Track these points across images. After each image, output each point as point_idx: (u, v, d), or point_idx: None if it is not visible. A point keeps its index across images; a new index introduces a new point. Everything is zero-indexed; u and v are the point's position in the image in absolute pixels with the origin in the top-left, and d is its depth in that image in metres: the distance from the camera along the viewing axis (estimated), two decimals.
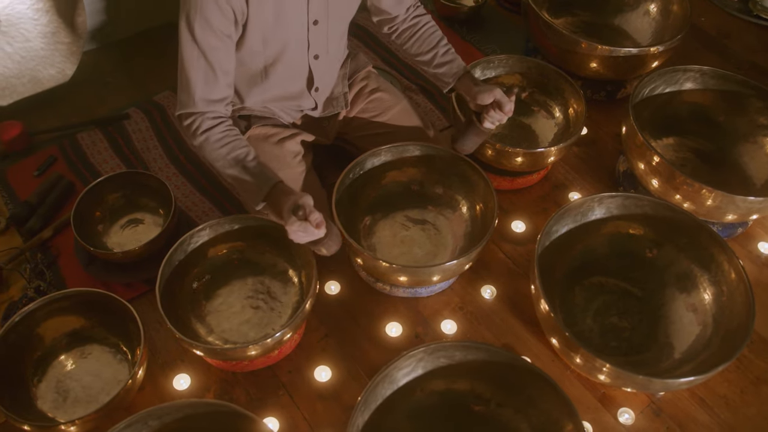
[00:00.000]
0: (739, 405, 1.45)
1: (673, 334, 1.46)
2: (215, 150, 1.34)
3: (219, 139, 1.33)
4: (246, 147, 1.35)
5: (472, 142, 1.59)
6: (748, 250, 1.72)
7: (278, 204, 1.28)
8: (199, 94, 1.32)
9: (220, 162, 1.34)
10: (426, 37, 1.59)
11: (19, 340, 1.34)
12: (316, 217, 1.24)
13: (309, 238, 1.26)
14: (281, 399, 1.42)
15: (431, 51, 1.59)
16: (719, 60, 2.22)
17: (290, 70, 1.46)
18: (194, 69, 1.30)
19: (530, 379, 1.26)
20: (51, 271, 1.58)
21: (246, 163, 1.33)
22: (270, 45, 1.37)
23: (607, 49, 1.85)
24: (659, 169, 1.58)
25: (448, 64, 1.58)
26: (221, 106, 1.36)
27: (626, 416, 1.42)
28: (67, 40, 1.89)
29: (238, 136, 1.36)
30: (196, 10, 1.24)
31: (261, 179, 1.31)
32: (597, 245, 1.56)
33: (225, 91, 1.36)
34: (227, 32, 1.29)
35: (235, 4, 1.25)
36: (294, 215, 1.23)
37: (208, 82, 1.32)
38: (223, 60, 1.32)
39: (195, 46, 1.28)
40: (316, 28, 1.39)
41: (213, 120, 1.34)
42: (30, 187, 1.73)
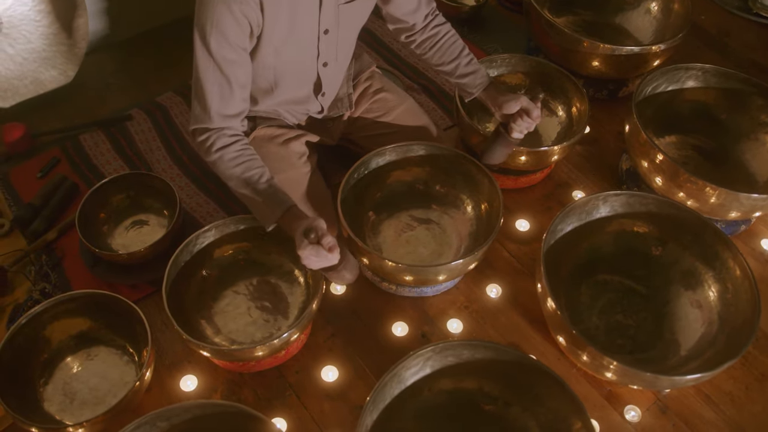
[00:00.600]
0: (744, 402, 1.46)
1: (679, 331, 1.47)
2: (229, 168, 1.31)
3: (234, 157, 1.31)
4: (261, 168, 1.32)
5: (501, 153, 1.59)
6: (751, 247, 1.72)
7: (290, 228, 1.26)
8: (215, 109, 1.30)
9: (233, 181, 1.32)
10: (447, 47, 1.57)
11: (26, 343, 1.34)
12: (328, 241, 1.21)
13: (322, 263, 1.23)
14: (288, 399, 1.42)
15: (453, 62, 1.57)
16: (719, 58, 2.23)
17: (299, 78, 1.46)
18: (210, 83, 1.28)
19: (538, 377, 1.26)
20: (56, 273, 1.57)
21: (259, 184, 1.31)
22: (281, 56, 1.36)
23: (610, 48, 1.86)
24: (663, 167, 1.58)
25: (471, 75, 1.57)
26: (237, 121, 1.34)
27: (633, 414, 1.42)
28: (68, 42, 1.89)
29: (254, 156, 1.34)
30: (212, 24, 1.22)
31: (274, 202, 1.29)
32: (602, 243, 1.57)
33: (241, 106, 1.34)
34: (243, 45, 1.27)
35: (251, 17, 1.23)
36: (306, 238, 1.21)
37: (224, 96, 1.29)
38: (240, 74, 1.30)
39: (211, 60, 1.26)
40: (326, 37, 1.39)
41: (229, 138, 1.32)
42: (33, 189, 1.73)
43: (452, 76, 1.59)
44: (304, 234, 1.22)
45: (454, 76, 1.59)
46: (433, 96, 2.05)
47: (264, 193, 1.30)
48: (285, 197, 1.31)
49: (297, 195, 1.53)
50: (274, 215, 1.29)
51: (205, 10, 1.22)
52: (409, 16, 1.53)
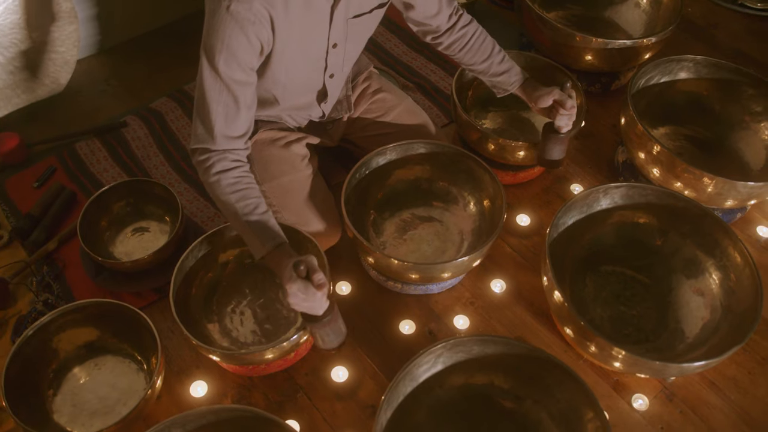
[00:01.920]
0: (748, 386, 1.48)
1: (683, 319, 1.49)
2: (225, 194, 1.26)
3: (231, 183, 1.26)
4: (257, 198, 1.28)
5: (557, 151, 1.60)
6: (747, 234, 1.75)
7: (278, 264, 1.22)
8: (219, 130, 1.25)
9: (227, 207, 1.27)
10: (477, 48, 1.56)
11: (34, 354, 1.33)
12: (319, 278, 1.17)
13: (309, 302, 1.18)
14: (300, 401, 1.42)
15: (485, 62, 1.56)
16: (708, 49, 2.26)
17: (305, 89, 1.46)
18: (215, 103, 1.23)
19: (548, 369, 1.28)
20: (58, 284, 1.56)
21: (253, 215, 1.26)
22: (291, 72, 1.36)
23: (602, 42, 1.88)
24: (660, 158, 1.61)
25: (505, 74, 1.57)
26: (241, 142, 1.29)
27: (640, 402, 1.44)
28: (60, 49, 1.87)
29: (251, 185, 1.29)
30: (223, 42, 1.18)
31: (265, 236, 1.25)
32: (604, 235, 1.59)
33: (245, 127, 1.29)
34: (252, 66, 1.24)
35: (263, 37, 1.21)
36: (294, 271, 1.17)
37: (229, 117, 1.25)
38: (247, 94, 1.26)
39: (218, 80, 1.22)
40: (335, 51, 1.38)
41: (230, 162, 1.27)
42: (30, 199, 1.71)
43: (485, 75, 1.59)
44: (294, 266, 1.17)
45: (488, 75, 1.59)
46: (428, 94, 2.06)
47: (256, 224, 1.25)
48: (277, 233, 1.26)
49: (300, 197, 1.53)
50: (264, 249, 1.24)
51: (216, 30, 1.18)
52: (431, 20, 1.51)
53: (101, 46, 2.12)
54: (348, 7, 1.33)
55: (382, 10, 1.42)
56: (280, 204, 1.52)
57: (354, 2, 1.33)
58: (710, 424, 1.42)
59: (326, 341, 1.28)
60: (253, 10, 1.18)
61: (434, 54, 2.19)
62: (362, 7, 1.36)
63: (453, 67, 2.14)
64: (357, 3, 1.34)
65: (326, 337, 1.27)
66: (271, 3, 1.19)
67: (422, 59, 2.18)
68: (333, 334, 1.27)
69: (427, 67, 2.15)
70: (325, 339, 1.27)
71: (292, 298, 1.17)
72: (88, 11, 2.00)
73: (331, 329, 1.26)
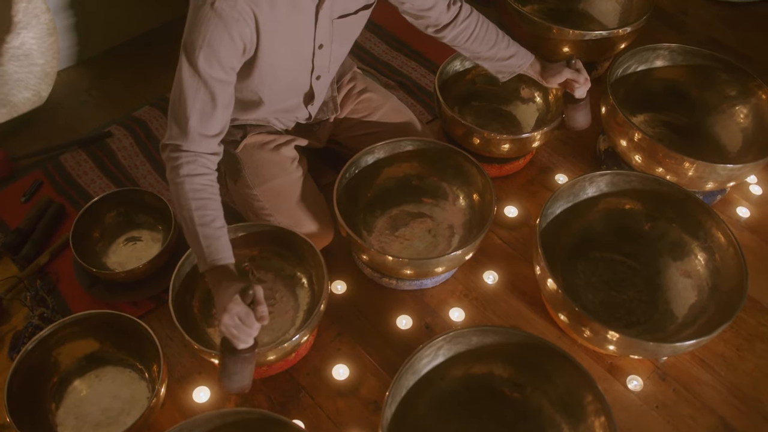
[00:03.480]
0: (736, 362, 1.53)
1: (672, 300, 1.53)
2: (186, 199, 1.22)
3: (196, 189, 1.23)
4: (215, 211, 1.24)
5: (583, 115, 1.66)
6: (727, 215, 1.80)
7: (219, 284, 1.18)
8: (194, 128, 1.22)
9: (183, 212, 1.23)
10: (482, 37, 1.56)
11: (35, 368, 1.33)
12: (263, 310, 1.14)
13: (242, 331, 1.14)
14: (303, 401, 1.43)
15: (492, 49, 1.57)
16: (679, 36, 2.31)
17: (292, 91, 1.47)
18: (192, 100, 1.21)
19: (546, 356, 1.31)
20: (52, 297, 1.55)
21: (207, 228, 1.22)
22: (277, 73, 1.36)
23: (579, 34, 1.91)
24: (642, 145, 1.65)
25: (513, 57, 1.60)
26: (215, 142, 1.27)
27: (635, 383, 1.48)
28: (40, 62, 1.86)
29: (214, 196, 1.25)
30: (204, 38, 1.17)
31: (213, 250, 1.21)
32: (591, 222, 1.62)
33: (220, 126, 1.27)
34: (232, 65, 1.23)
35: (246, 36, 1.21)
36: (242, 295, 1.14)
37: (205, 115, 1.23)
38: (225, 93, 1.24)
39: (196, 76, 1.20)
40: (321, 51, 1.39)
41: (200, 167, 1.24)
42: (18, 213, 1.70)
43: (491, 61, 1.61)
44: (242, 291, 1.15)
45: (494, 61, 1.60)
46: (410, 91, 2.08)
47: (208, 237, 1.21)
48: (226, 251, 1.23)
49: (292, 200, 1.54)
50: (207, 263, 1.21)
51: (199, 25, 1.17)
52: (427, 12, 1.51)
53: (80, 57, 2.10)
54: (333, 8, 1.34)
55: (368, 12, 1.44)
56: (273, 207, 1.53)
57: (339, 3, 1.34)
58: (703, 400, 1.47)
59: (233, 378, 1.19)
60: (238, 7, 1.17)
61: (414, 52, 2.22)
62: (347, 8, 1.38)
63: (434, 63, 2.17)
64: (342, 4, 1.35)
65: (234, 375, 1.19)
66: (256, 2, 1.19)
67: (402, 57, 2.20)
68: (241, 374, 1.19)
69: (407, 65, 2.17)
70: (233, 376, 1.19)
71: (228, 320, 1.14)
72: (65, 22, 1.99)
73: (242, 367, 1.19)
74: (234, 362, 1.17)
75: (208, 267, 1.21)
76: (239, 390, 1.21)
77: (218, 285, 1.19)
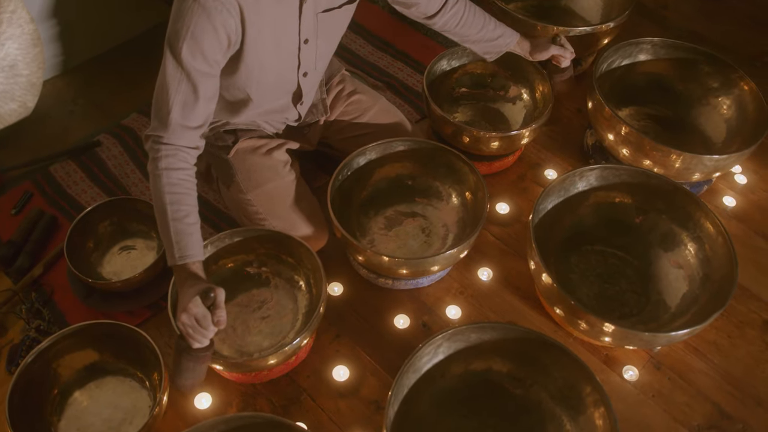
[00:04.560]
0: (728, 349, 1.56)
1: (664, 291, 1.56)
2: (162, 192, 1.23)
3: (173, 183, 1.24)
4: (190, 206, 1.25)
5: (567, 82, 1.81)
6: (714, 205, 1.84)
7: (185, 281, 1.21)
8: (175, 119, 1.23)
9: (158, 205, 1.24)
10: (471, 21, 1.62)
11: (35, 381, 1.32)
12: (221, 314, 1.17)
13: (198, 332, 1.17)
14: (304, 403, 1.44)
15: (480, 31, 1.64)
16: (661, 30, 2.35)
17: (280, 89, 1.47)
18: (174, 91, 1.22)
19: (544, 350, 1.32)
20: (48, 309, 1.55)
21: (180, 223, 1.23)
22: (264, 67, 1.36)
23: (563, 30, 1.93)
24: (629, 139, 1.67)
25: (500, 37, 1.67)
26: (196, 135, 1.28)
27: (631, 373, 1.51)
28: (25, 72, 1.85)
29: (191, 191, 1.27)
30: (188, 29, 1.17)
31: (183, 246, 1.22)
32: (583, 217, 1.65)
33: (202, 118, 1.28)
34: (216, 57, 1.23)
35: (231, 29, 1.21)
36: (203, 297, 1.17)
37: (187, 107, 1.24)
38: (208, 86, 1.25)
39: (179, 68, 1.20)
40: (306, 47, 1.40)
41: (179, 161, 1.25)
42: (8, 226, 1.69)
43: (480, 43, 1.67)
44: (203, 293, 1.17)
45: (483, 43, 1.67)
46: (397, 92, 2.09)
47: (180, 232, 1.22)
48: (196, 248, 1.24)
49: (286, 203, 1.55)
50: (174, 258, 1.22)
51: (182, 17, 1.18)
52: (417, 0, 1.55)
53: (65, 66, 2.09)
54: (317, 2, 1.35)
55: (353, 6, 1.44)
56: (267, 211, 1.54)
57: None
58: (697, 388, 1.50)
59: (183, 375, 1.22)
60: None
61: (399, 52, 2.23)
62: (332, 2, 1.38)
63: (419, 63, 2.18)
64: None
65: (186, 372, 1.21)
66: None
67: (388, 58, 2.21)
68: (192, 371, 1.22)
69: (394, 66, 2.18)
70: (184, 373, 1.21)
71: (186, 319, 1.16)
72: (49, 31, 1.98)
73: (194, 365, 1.21)
74: (187, 360, 1.20)
75: (176, 262, 1.23)
76: (188, 387, 1.23)
77: (183, 283, 1.21)
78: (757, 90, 1.75)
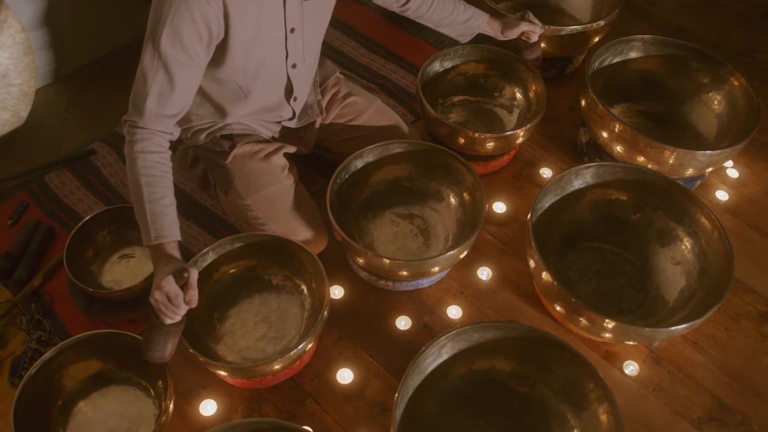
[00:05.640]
0: (726, 341, 1.59)
1: (662, 286, 1.58)
2: (138, 174, 1.25)
3: (148, 166, 1.26)
4: (165, 188, 1.27)
5: (536, 53, 1.88)
6: (708, 199, 1.86)
7: (160, 260, 1.23)
8: (150, 108, 1.26)
9: (134, 187, 1.26)
10: (442, 6, 1.68)
11: (39, 392, 1.31)
12: (193, 294, 1.20)
13: (170, 309, 1.20)
14: (309, 407, 1.44)
15: (452, 14, 1.70)
16: (649, 27, 2.37)
17: (270, 81, 1.47)
18: (150, 81, 1.24)
19: (546, 347, 1.34)
20: (48, 319, 1.54)
21: (155, 204, 1.25)
22: (251, 57, 1.37)
23: (555, 29, 1.95)
24: (624, 136, 1.69)
25: (471, 19, 1.74)
26: (171, 122, 1.30)
27: (631, 368, 1.52)
28: (17, 82, 1.83)
29: (166, 174, 1.29)
30: (167, 18, 1.19)
31: (159, 226, 1.24)
32: (580, 214, 1.66)
33: (178, 108, 1.30)
34: (195, 48, 1.24)
35: (212, 20, 1.22)
36: (176, 276, 1.19)
37: (163, 96, 1.26)
38: (186, 76, 1.27)
39: (156, 56, 1.22)
40: (293, 36, 1.40)
41: (154, 145, 1.27)
42: (7, 237, 1.68)
43: (452, 26, 1.72)
44: (177, 272, 1.19)
45: (455, 25, 1.73)
46: (391, 93, 2.10)
47: (156, 213, 1.24)
48: (171, 228, 1.26)
49: (285, 208, 1.55)
50: (153, 239, 1.24)
51: (162, 6, 1.19)
52: None
53: (57, 74, 2.07)
54: None
55: None
56: (266, 216, 1.54)
57: None
58: (696, 380, 1.52)
59: (153, 348, 1.25)
60: None
61: (391, 54, 2.24)
62: None
63: (411, 64, 2.19)
64: None
65: (157, 345, 1.25)
66: None
67: (380, 60, 2.22)
68: (162, 345, 1.25)
69: (386, 67, 2.19)
70: (155, 346, 1.25)
71: (158, 296, 1.20)
72: (40, 40, 1.96)
73: (164, 339, 1.25)
74: (158, 334, 1.24)
75: (152, 242, 1.25)
76: (158, 359, 1.27)
77: (158, 262, 1.24)
78: (747, 85, 1.78)
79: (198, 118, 1.53)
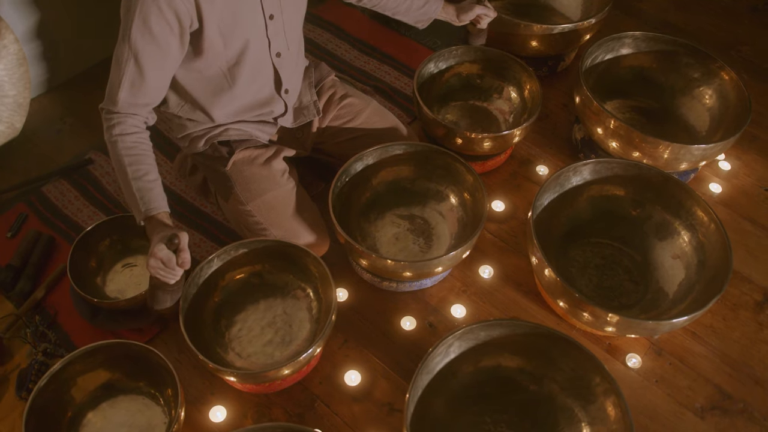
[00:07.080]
0: (725, 331, 1.62)
1: (662, 279, 1.60)
2: (120, 156, 1.31)
3: (128, 147, 1.31)
4: (148, 165, 1.33)
5: (483, 37, 1.92)
6: (702, 192, 1.89)
7: (153, 231, 1.29)
8: (123, 98, 1.30)
9: (119, 169, 1.32)
10: None
11: (49, 405, 1.31)
12: (185, 256, 1.26)
13: (167, 272, 1.27)
14: (318, 410, 1.45)
15: (406, 2, 1.73)
16: (638, 23, 2.40)
17: (255, 71, 1.47)
18: (121, 71, 1.28)
19: (551, 343, 1.36)
20: (53, 331, 1.53)
21: (140, 181, 1.31)
22: (231, 45, 1.38)
23: (546, 28, 1.97)
24: (619, 132, 1.71)
25: (426, 5, 1.76)
26: (145, 110, 1.35)
27: (634, 361, 1.55)
28: (12, 93, 1.82)
29: (146, 152, 1.34)
30: (137, 9, 1.22)
31: (147, 200, 1.30)
32: (578, 211, 1.68)
33: (151, 97, 1.34)
34: (167, 40, 1.27)
35: (180, 10, 1.24)
36: (165, 244, 1.25)
37: (135, 85, 1.30)
38: (156, 66, 1.30)
39: (127, 46, 1.26)
40: (272, 22, 1.41)
41: (131, 127, 1.32)
42: (5, 249, 1.67)
43: (409, 13, 1.75)
44: (167, 239, 1.26)
45: (411, 12, 1.75)
46: (386, 95, 2.11)
47: (142, 189, 1.30)
48: (159, 201, 1.32)
49: (287, 212, 1.56)
50: (143, 214, 1.30)
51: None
52: None
53: (50, 84, 2.06)
54: None
55: None
56: (267, 221, 1.54)
57: None
58: (697, 371, 1.54)
59: (159, 302, 1.35)
60: None
61: (384, 55, 2.25)
62: None
63: (405, 66, 2.20)
64: None
65: (163, 302, 1.35)
66: None
67: (374, 62, 2.23)
68: (168, 302, 1.36)
69: (380, 69, 2.20)
70: (161, 303, 1.35)
71: (153, 263, 1.25)
72: (34, 50, 1.95)
73: (164, 295, 1.35)
74: (162, 293, 1.34)
75: (143, 217, 1.31)
76: (163, 311, 1.38)
77: (152, 233, 1.29)
78: (737, 79, 1.81)
79: (193, 124, 1.53)
